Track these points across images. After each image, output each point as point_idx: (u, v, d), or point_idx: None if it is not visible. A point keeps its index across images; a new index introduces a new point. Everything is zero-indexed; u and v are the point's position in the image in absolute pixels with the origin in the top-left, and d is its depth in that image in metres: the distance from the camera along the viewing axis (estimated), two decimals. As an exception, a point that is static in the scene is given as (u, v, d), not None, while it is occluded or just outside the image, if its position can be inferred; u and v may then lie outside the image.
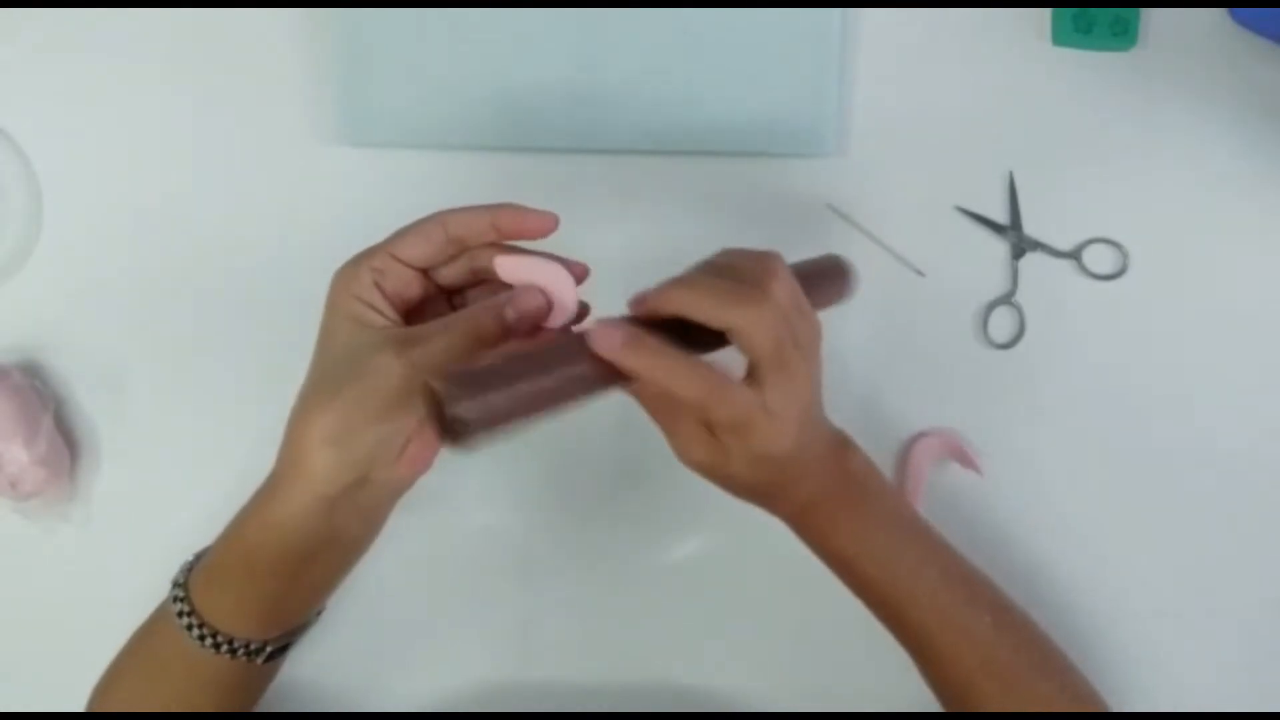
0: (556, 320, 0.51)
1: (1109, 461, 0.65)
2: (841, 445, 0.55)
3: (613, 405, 0.66)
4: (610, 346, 0.46)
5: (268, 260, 0.67)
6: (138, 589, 0.58)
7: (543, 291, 0.50)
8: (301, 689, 0.66)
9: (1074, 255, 0.65)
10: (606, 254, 0.59)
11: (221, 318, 0.67)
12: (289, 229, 0.66)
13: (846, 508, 0.54)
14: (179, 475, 0.67)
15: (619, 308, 0.51)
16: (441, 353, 0.48)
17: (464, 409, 0.43)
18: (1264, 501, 0.65)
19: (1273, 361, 0.65)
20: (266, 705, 0.60)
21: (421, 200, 0.65)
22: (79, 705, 0.58)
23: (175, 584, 0.55)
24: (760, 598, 0.66)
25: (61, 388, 0.67)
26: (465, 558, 0.67)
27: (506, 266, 0.51)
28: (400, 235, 0.51)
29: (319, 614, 0.58)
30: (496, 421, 0.44)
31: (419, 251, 0.51)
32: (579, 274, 0.52)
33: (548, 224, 0.51)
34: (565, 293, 0.50)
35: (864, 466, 0.55)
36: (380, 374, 0.48)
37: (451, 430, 0.43)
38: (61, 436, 0.66)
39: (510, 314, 0.49)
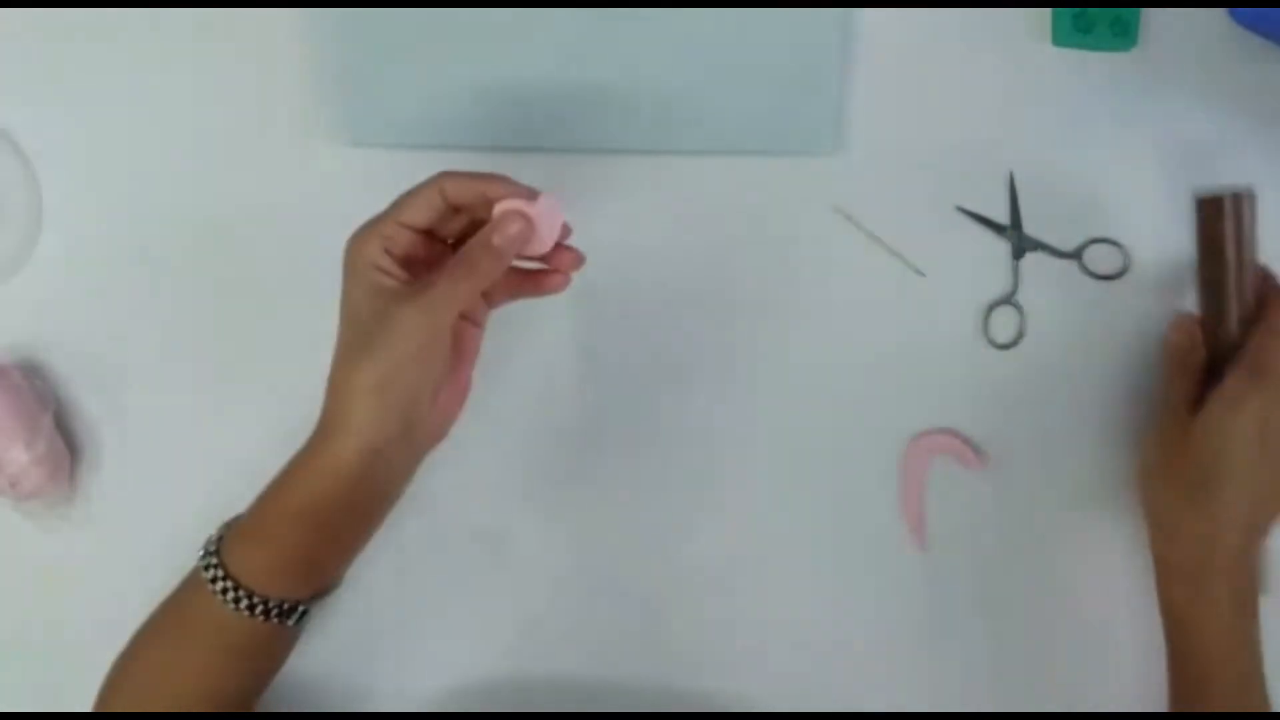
0: (534, 248, 0.54)
1: (1109, 461, 0.65)
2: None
3: (613, 405, 0.66)
4: None
5: (267, 260, 0.67)
6: (137, 588, 0.58)
7: (523, 215, 0.53)
8: (301, 688, 0.66)
9: (1074, 255, 0.65)
10: (606, 254, 0.59)
11: (222, 317, 0.67)
12: (289, 229, 0.66)
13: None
14: (179, 475, 0.67)
15: (619, 307, 0.51)
16: (450, 293, 0.53)
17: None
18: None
19: (1273, 361, 0.65)
20: (267, 705, 0.61)
21: (421, 200, 0.66)
22: (79, 705, 0.58)
23: (206, 551, 0.56)
24: (762, 598, 0.66)
25: (61, 388, 0.67)
26: (464, 557, 0.67)
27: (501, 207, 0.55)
28: (403, 202, 0.55)
29: (339, 583, 0.60)
30: None
31: (422, 216, 0.54)
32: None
33: (532, 197, 0.54)
34: (545, 222, 0.54)
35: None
36: (405, 326, 0.52)
37: None
38: (61, 436, 0.66)
39: (496, 240, 0.53)
